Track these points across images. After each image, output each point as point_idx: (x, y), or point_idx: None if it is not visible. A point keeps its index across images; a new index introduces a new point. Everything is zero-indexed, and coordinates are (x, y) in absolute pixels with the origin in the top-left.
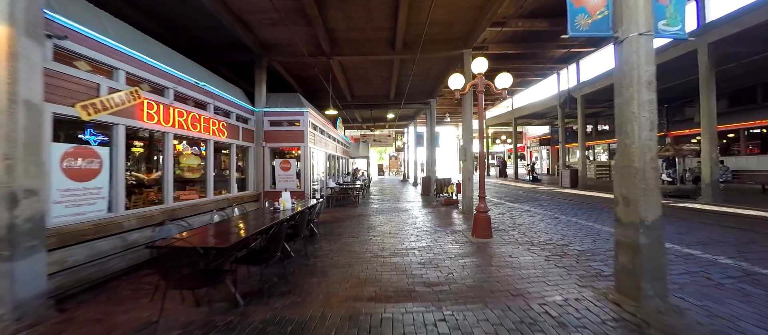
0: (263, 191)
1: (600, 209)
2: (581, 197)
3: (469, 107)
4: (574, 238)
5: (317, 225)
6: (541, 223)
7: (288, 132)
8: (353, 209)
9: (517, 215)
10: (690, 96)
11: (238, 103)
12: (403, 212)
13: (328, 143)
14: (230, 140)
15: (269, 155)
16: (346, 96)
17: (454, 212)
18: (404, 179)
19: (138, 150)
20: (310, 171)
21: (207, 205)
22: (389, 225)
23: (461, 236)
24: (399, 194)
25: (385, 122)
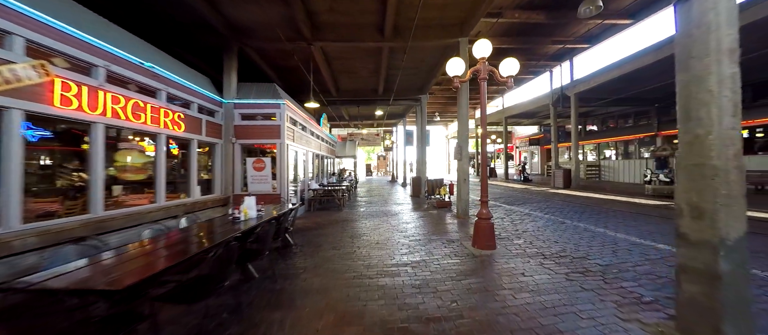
0: (233, 194)
1: (604, 211)
2: (578, 199)
3: (465, 100)
4: (589, 248)
5: (293, 234)
6: (547, 229)
7: (262, 127)
8: (337, 214)
9: (518, 220)
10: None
11: (200, 92)
12: (392, 216)
13: (311, 140)
14: (190, 134)
15: (240, 153)
16: (331, 90)
17: (448, 215)
18: (393, 179)
19: (63, 145)
20: (287, 171)
21: (155, 213)
22: (377, 233)
23: (460, 247)
24: (387, 195)
25: (373, 120)
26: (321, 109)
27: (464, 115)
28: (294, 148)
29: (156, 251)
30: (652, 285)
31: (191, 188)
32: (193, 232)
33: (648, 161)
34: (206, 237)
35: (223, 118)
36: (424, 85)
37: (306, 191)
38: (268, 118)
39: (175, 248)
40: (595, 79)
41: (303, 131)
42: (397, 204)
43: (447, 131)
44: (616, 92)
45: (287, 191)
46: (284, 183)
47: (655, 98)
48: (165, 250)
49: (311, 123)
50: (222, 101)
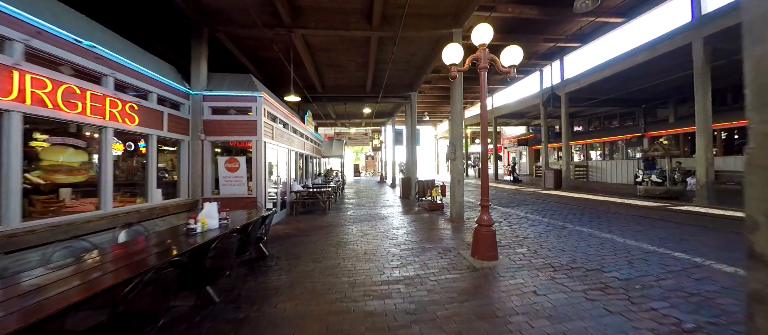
0: (202, 197)
1: (603, 214)
2: (572, 200)
3: (459, 95)
4: (602, 258)
5: (270, 243)
6: (549, 235)
7: (236, 123)
8: (322, 218)
9: (516, 224)
10: (664, 97)
11: (161, 80)
12: (381, 220)
13: (293, 138)
14: (147, 129)
15: (211, 152)
16: (316, 86)
17: (441, 219)
18: (381, 180)
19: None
20: (265, 172)
21: (97, 222)
22: (364, 241)
23: (458, 258)
24: (376, 197)
25: (361, 118)
26: (305, 105)
27: (458, 111)
28: (274, 146)
29: (53, 283)
30: (686, 305)
31: (149, 191)
32: (128, 250)
33: (639, 161)
34: (137, 260)
35: (191, 112)
36: (414, 81)
37: (288, 193)
38: (242, 112)
39: (88, 276)
40: (586, 78)
41: (284, 129)
42: (387, 207)
43: (436, 131)
44: (607, 91)
45: (265, 194)
46: (261, 185)
47: (642, 99)
48: (67, 281)
49: (294, 120)
50: (189, 92)
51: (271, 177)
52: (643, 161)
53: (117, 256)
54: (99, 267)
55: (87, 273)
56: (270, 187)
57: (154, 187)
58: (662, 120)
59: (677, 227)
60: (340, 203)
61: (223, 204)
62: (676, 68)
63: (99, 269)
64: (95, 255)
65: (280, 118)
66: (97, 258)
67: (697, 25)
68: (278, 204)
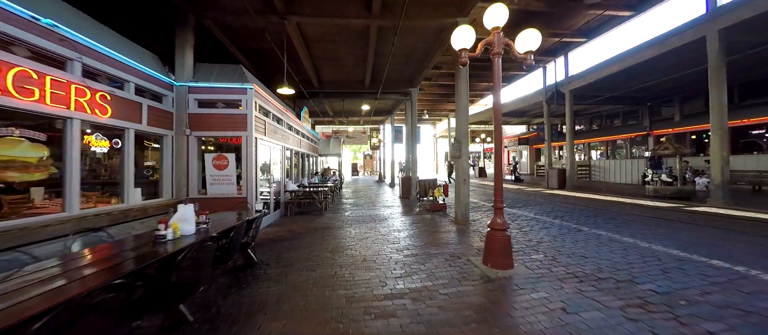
0: (188, 197)
1: (616, 215)
2: (580, 201)
3: (465, 88)
4: (630, 267)
5: (261, 247)
6: (565, 239)
7: (225, 117)
8: (318, 219)
9: (527, 227)
10: (669, 95)
11: (140, 69)
12: (380, 222)
13: (288, 135)
14: (122, 121)
15: (197, 148)
16: (312, 81)
17: (445, 221)
18: (380, 179)
19: None
20: (256, 170)
21: (58, 226)
22: (363, 245)
23: (469, 266)
24: (375, 197)
25: (359, 116)
26: (301, 102)
27: (463, 106)
28: (266, 143)
29: None
30: (747, 327)
31: (125, 191)
32: (67, 266)
33: (647, 160)
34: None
35: (175, 104)
36: (415, 76)
37: (282, 193)
38: (231, 105)
39: None
40: (592, 74)
41: (278, 124)
42: (386, 207)
43: (435, 130)
44: (612, 88)
45: (256, 194)
46: (252, 184)
47: (647, 97)
48: None
49: (289, 116)
50: (173, 83)
51: (264, 176)
52: (650, 160)
53: (43, 279)
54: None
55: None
56: (263, 186)
57: (130, 186)
58: (667, 118)
59: (700, 230)
60: (337, 203)
61: (211, 205)
62: (685, 64)
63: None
64: (10, 274)
65: (273, 113)
66: (21, 280)
67: (712, 17)
68: (272, 205)
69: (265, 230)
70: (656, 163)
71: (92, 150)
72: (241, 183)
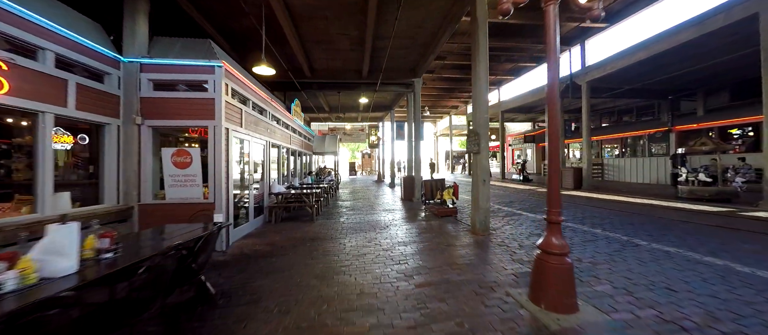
0: (139, 203)
1: (671, 224)
2: (608, 204)
3: (483, 66)
4: (755, 310)
5: (228, 268)
6: (626, 259)
7: (186, 102)
8: (307, 227)
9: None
10: (693, 88)
11: (63, 34)
12: (381, 231)
13: (274, 129)
14: (30, 102)
15: (151, 141)
16: (304, 69)
17: (458, 230)
18: (379, 179)
19: None
20: (226, 169)
21: None
22: (360, 266)
23: (510, 304)
24: (374, 199)
25: (357, 111)
26: (293, 94)
27: (482, 89)
28: (244, 136)
29: None
30: None
31: (40, 196)
32: None
33: (672, 158)
34: None
35: (123, 86)
36: (418, 65)
37: (266, 196)
38: (196, 87)
39: None
40: (613, 63)
41: (260, 116)
42: (387, 211)
43: (435, 128)
44: (634, 79)
45: (227, 199)
46: (221, 187)
47: (669, 89)
48: None
49: (276, 107)
50: (119, 58)
51: (245, 176)
52: (674, 158)
53: None
54: None
55: None
56: (245, 188)
57: (48, 190)
58: (689, 113)
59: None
60: (332, 206)
61: (172, 213)
62: (725, 49)
63: None
64: None
65: (253, 101)
66: None
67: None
68: (251, 211)
69: (241, 242)
70: (681, 160)
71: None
72: (224, 184)
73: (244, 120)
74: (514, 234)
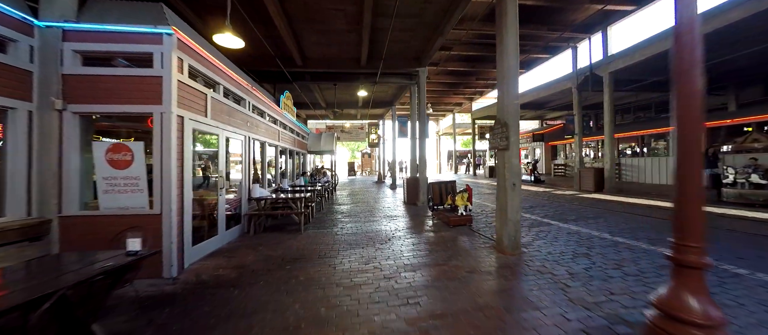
0: (60, 215)
1: (733, 235)
2: (641, 209)
3: (513, 37)
4: None
5: (170, 305)
6: (748, 305)
7: (126, 82)
8: (292, 240)
9: (632, 268)
10: (725, 80)
11: None
12: (382, 245)
13: (257, 123)
14: None
15: (79, 131)
16: (294, 57)
17: (478, 244)
18: (380, 180)
19: None
20: (177, 169)
21: None
22: (352, 310)
23: None
24: (374, 203)
25: (356, 108)
26: (283, 86)
27: (511, 67)
28: (210, 128)
29: None
30: None
31: None
32: None
33: (714, 156)
34: None
35: (38, 59)
36: (423, 51)
37: (244, 202)
38: (139, 62)
39: None
40: (642, 51)
41: (236, 105)
42: (389, 218)
43: (437, 126)
44: (665, 69)
45: (178, 210)
46: (170, 193)
47: None
48: None
49: (259, 97)
50: (32, 22)
51: (213, 178)
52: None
53: None
54: None
55: None
56: (214, 193)
57: None
58: (717, 108)
59: None
60: (326, 211)
61: (107, 227)
62: None
63: None
64: None
65: (225, 86)
66: None
67: None
68: (222, 221)
69: (202, 263)
70: (711, 161)
71: None
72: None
73: (211, 108)
74: (554, 254)
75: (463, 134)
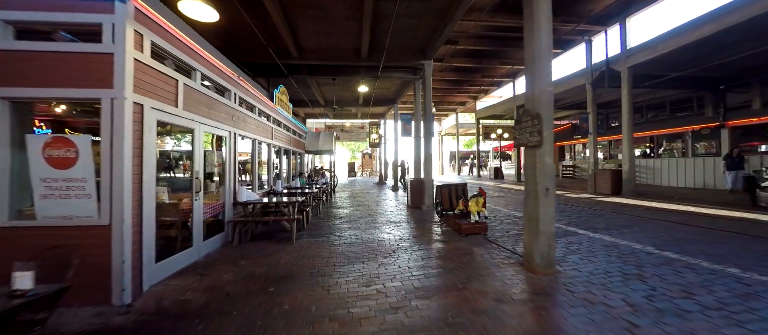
0: None
1: None
2: (672, 215)
3: (545, 9)
4: None
5: None
6: None
7: (69, 59)
8: (281, 252)
9: (709, 300)
10: (748, 77)
11: None
12: (385, 261)
13: (245, 118)
14: None
15: (12, 123)
16: (290, 48)
17: (499, 260)
18: (381, 181)
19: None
20: (134, 168)
21: None
22: None
23: None
24: (375, 206)
25: (356, 105)
26: (277, 80)
27: (543, 47)
28: (183, 121)
29: None
30: None
31: None
32: None
33: (739, 157)
34: None
35: None
36: (429, 42)
37: (227, 207)
38: (86, 36)
39: None
40: (665, 43)
41: (220, 97)
42: (392, 224)
43: (440, 126)
44: (691, 62)
45: (133, 218)
46: (122, 198)
47: (719, 78)
48: None
49: (247, 89)
50: None
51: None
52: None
53: None
54: None
55: None
56: (187, 197)
57: None
58: (739, 106)
59: None
60: (323, 215)
61: (44, 241)
62: None
63: None
64: None
65: (202, 71)
66: None
67: None
68: (198, 231)
69: (167, 284)
70: (736, 162)
71: None
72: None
73: (184, 97)
74: (598, 275)
75: (466, 134)
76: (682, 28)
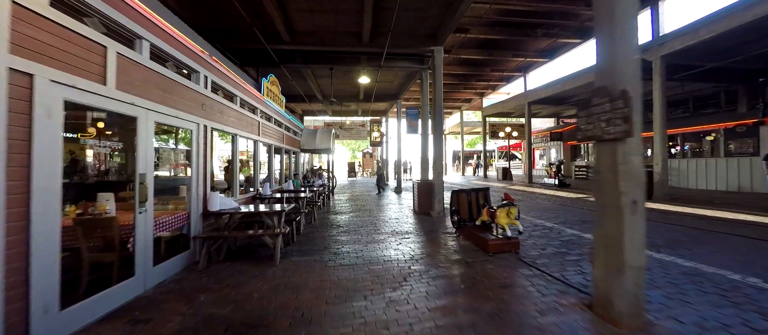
0: None
1: None
2: (744, 227)
3: None
4: None
5: None
6: None
7: None
8: (256, 281)
9: None
10: None
11: None
12: (392, 292)
13: (222, 108)
14: None
15: None
16: (280, 30)
17: (553, 298)
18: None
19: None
20: (3, 172)
21: None
22: None
23: None
24: (378, 212)
25: (356, 101)
26: (267, 69)
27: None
28: (120, 103)
29: None
30: None
31: None
32: None
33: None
34: None
35: None
36: (441, 26)
37: (195, 217)
38: None
39: None
40: (708, 27)
41: (186, 81)
42: (398, 235)
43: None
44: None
45: (6, 245)
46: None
47: (758, 70)
48: None
49: (221, 71)
50: None
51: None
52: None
53: None
54: None
55: None
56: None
57: None
58: None
59: None
60: (319, 223)
61: None
62: None
63: None
64: None
65: (154, 43)
66: None
67: None
68: (146, 253)
69: (94, 327)
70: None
71: None
72: None
73: (118, 72)
74: (715, 332)
75: (470, 133)
76: (734, 6)
